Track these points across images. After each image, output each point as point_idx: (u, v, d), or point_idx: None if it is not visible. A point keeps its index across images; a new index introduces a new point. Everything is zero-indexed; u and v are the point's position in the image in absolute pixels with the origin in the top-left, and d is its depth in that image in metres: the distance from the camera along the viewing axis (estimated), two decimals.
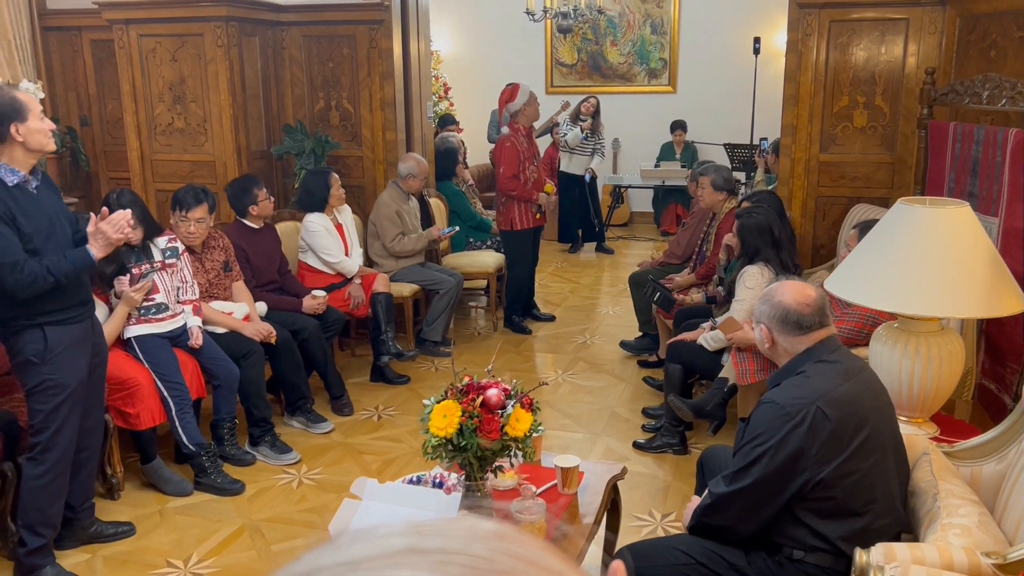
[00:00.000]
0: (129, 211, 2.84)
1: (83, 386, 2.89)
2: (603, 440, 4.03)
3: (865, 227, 3.23)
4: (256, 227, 4.34)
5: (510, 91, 5.44)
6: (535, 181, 5.45)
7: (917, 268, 2.51)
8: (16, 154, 2.66)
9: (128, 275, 3.47)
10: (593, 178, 7.89)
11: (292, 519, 3.35)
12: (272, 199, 4.43)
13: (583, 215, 8.10)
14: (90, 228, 2.77)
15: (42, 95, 5.10)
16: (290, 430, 4.12)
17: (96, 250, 2.74)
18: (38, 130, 2.66)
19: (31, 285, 2.63)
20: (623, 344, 5.25)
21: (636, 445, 3.93)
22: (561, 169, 7.87)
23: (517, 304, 5.73)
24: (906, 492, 2.17)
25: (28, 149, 2.67)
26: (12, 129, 2.61)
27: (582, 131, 7.64)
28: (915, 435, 2.41)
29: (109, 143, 6.00)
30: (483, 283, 6.08)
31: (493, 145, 8.37)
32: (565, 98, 6.55)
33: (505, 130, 5.45)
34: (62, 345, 2.79)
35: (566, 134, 7.69)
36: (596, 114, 7.71)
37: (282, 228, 4.71)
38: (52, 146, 2.75)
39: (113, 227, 2.74)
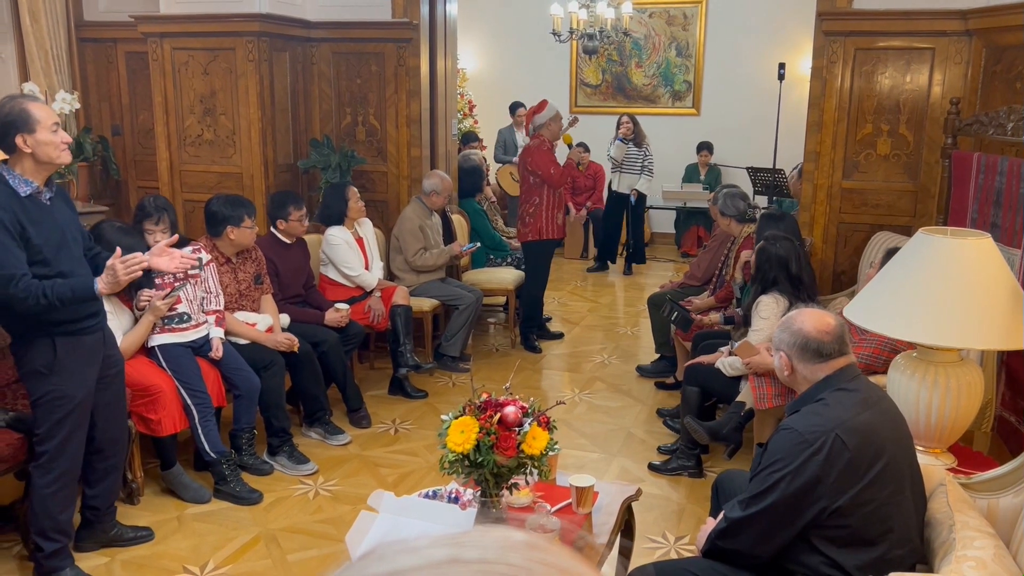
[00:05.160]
0: (145, 259, 2.79)
1: (90, 398, 2.89)
2: (618, 461, 4.04)
3: (894, 253, 3.22)
4: (288, 241, 4.41)
5: (539, 105, 5.52)
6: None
7: (938, 298, 2.51)
8: (27, 165, 2.66)
9: (154, 287, 3.53)
10: (639, 199, 7.90)
11: (308, 529, 3.38)
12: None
13: (632, 234, 8.13)
14: (110, 261, 2.73)
15: (77, 106, 5.21)
16: (308, 441, 4.15)
17: (102, 284, 2.71)
18: (47, 142, 2.64)
19: (23, 301, 2.60)
20: (639, 369, 5.25)
21: (651, 467, 3.93)
22: (612, 188, 7.97)
23: (534, 322, 5.74)
24: (923, 523, 2.16)
25: (38, 161, 2.66)
26: (19, 140, 2.61)
27: (623, 141, 7.65)
28: (932, 466, 2.40)
29: (140, 153, 6.11)
30: (502, 300, 6.12)
31: (500, 165, 8.47)
32: (576, 116, 6.61)
33: (525, 138, 5.57)
34: (71, 356, 2.79)
35: (610, 150, 7.78)
36: (637, 125, 7.74)
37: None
38: (65, 159, 2.72)
39: (124, 267, 2.71)
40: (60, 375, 2.77)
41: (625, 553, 2.82)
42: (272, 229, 4.42)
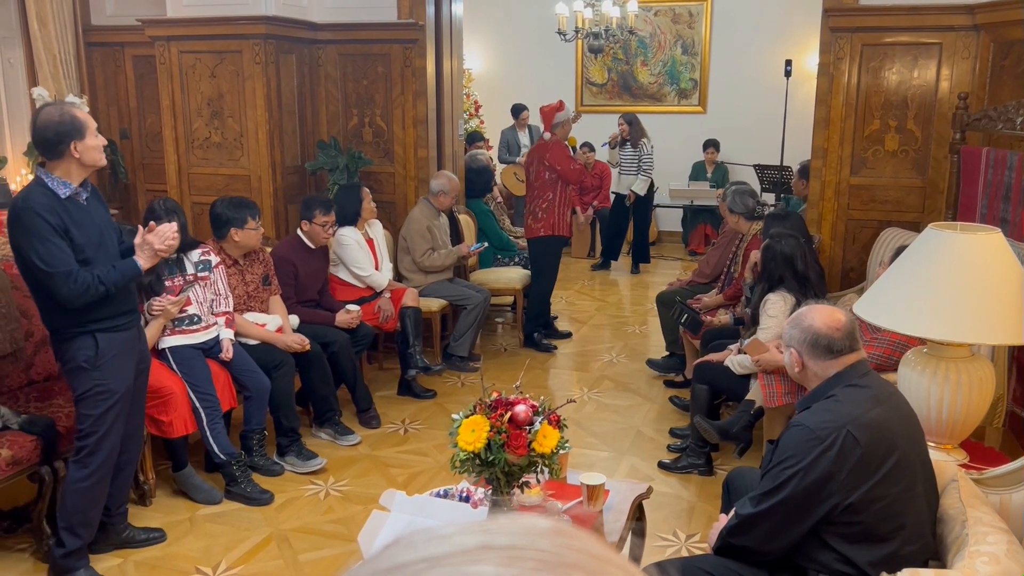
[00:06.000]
0: (175, 224, 2.96)
1: (130, 392, 2.98)
2: (628, 459, 4.04)
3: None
4: (312, 246, 4.41)
5: (558, 104, 5.53)
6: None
7: (948, 293, 2.51)
8: (71, 169, 2.77)
9: (164, 292, 3.55)
10: (636, 200, 7.86)
11: (319, 530, 3.39)
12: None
13: (633, 235, 8.18)
14: (137, 240, 2.88)
15: (86, 110, 5.23)
16: (318, 441, 4.16)
17: (143, 261, 2.86)
18: (94, 147, 2.77)
19: (83, 294, 2.73)
20: (650, 362, 5.25)
21: (661, 465, 3.92)
22: (612, 189, 8.11)
23: (540, 321, 5.75)
24: (935, 519, 2.16)
25: (83, 165, 2.78)
26: (71, 147, 2.72)
27: (611, 146, 7.76)
28: (944, 461, 2.40)
29: (148, 156, 6.14)
30: (509, 299, 6.12)
31: (504, 166, 8.50)
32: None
33: (547, 135, 5.59)
34: (112, 352, 2.88)
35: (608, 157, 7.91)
36: (632, 124, 7.74)
37: None
38: (104, 161, 2.85)
39: (159, 238, 2.86)
40: (102, 370, 2.86)
41: (639, 533, 2.82)
42: (298, 231, 4.43)
